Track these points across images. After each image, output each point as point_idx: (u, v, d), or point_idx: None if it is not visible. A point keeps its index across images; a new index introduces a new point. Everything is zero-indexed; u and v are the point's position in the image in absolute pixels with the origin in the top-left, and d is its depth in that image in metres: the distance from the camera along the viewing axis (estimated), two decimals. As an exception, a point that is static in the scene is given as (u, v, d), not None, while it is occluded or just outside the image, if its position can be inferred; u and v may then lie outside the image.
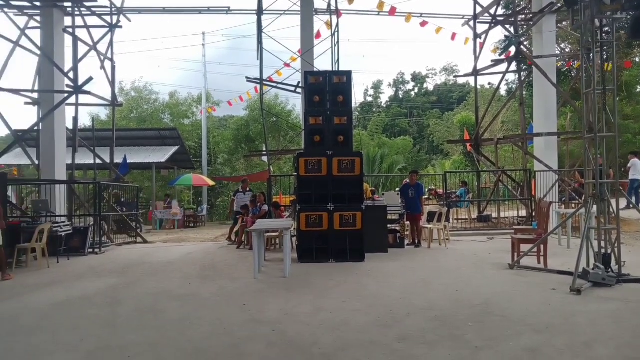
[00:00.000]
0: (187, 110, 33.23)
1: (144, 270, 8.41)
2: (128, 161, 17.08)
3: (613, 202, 6.84)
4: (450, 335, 4.40)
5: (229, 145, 28.90)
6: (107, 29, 13.04)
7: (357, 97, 51.10)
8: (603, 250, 6.63)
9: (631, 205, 7.29)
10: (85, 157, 14.42)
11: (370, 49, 68.27)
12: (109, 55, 13.21)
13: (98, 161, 13.09)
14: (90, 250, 10.91)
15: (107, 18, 13.07)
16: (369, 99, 53.48)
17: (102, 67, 12.94)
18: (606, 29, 7.42)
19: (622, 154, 16.60)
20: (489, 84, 38.25)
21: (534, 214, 12.13)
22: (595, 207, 6.85)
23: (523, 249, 7.86)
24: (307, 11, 13.01)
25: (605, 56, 7.20)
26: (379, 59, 67.17)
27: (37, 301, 6.17)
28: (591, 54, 6.79)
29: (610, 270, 6.40)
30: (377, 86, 53.66)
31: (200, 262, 9.26)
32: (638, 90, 22.44)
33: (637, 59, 20.78)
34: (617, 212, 6.77)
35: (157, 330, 4.73)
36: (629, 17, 7.06)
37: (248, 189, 12.82)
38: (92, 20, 13.14)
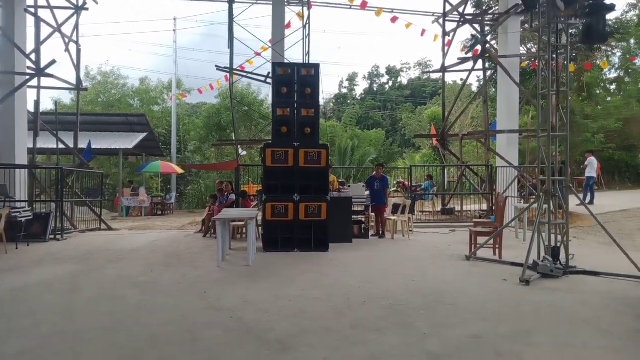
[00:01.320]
0: (158, 97, 32.65)
1: (106, 257, 8.34)
2: (94, 147, 16.72)
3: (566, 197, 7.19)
4: (402, 322, 4.59)
5: (200, 133, 28.56)
6: (72, 11, 12.66)
7: (332, 88, 51.19)
8: (553, 244, 6.98)
9: (580, 202, 7.69)
10: (48, 142, 14.07)
11: (346, 41, 68.39)
12: (74, 38, 12.84)
13: (61, 146, 12.78)
14: (52, 236, 10.70)
15: (73, 0, 12.69)
16: (344, 90, 53.65)
17: (67, 50, 12.58)
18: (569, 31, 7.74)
19: (581, 152, 17.34)
20: (461, 79, 38.94)
21: (493, 207, 12.56)
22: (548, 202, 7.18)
23: (480, 241, 8.18)
24: (279, 1, 12.95)
25: (563, 58, 7.50)
26: (354, 51, 67.38)
27: (-8, 287, 6.06)
28: (547, 56, 7.09)
29: (559, 262, 6.75)
30: (352, 78, 53.85)
31: (164, 250, 9.23)
32: (598, 91, 23.34)
33: (598, 62, 21.59)
34: (567, 208, 7.12)
35: (114, 317, 4.75)
36: (581, 23, 7.38)
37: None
38: (57, 1, 12.75)
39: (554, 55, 7.17)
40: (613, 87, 25.22)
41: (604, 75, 23.83)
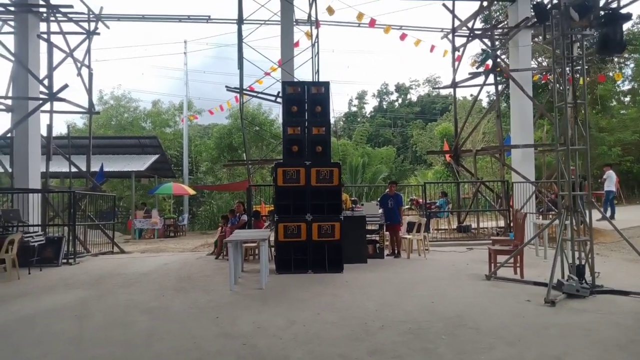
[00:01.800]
0: (169, 119, 32.99)
1: (117, 281, 8.22)
2: (106, 170, 16.82)
3: (588, 213, 6.93)
4: (422, 348, 4.36)
5: (212, 154, 28.68)
6: (84, 36, 12.85)
7: (342, 107, 51.32)
8: (577, 262, 6.70)
9: (604, 217, 7.42)
10: (62, 166, 14.14)
11: (354, 59, 68.80)
12: (86, 62, 13.01)
13: (74, 169, 12.83)
14: (64, 260, 10.65)
15: (85, 24, 12.90)
16: (354, 109, 53.78)
17: (79, 74, 12.74)
18: (578, 44, 7.59)
19: (598, 166, 16.98)
20: (471, 95, 38.82)
21: (511, 224, 12.25)
22: (569, 218, 6.93)
23: (499, 260, 7.92)
24: (287, 21, 13.01)
25: (577, 72, 7.34)
26: (363, 69, 67.75)
27: (1, 315, 5.95)
28: (561, 69, 6.93)
29: (584, 281, 6.46)
30: (361, 96, 54.01)
31: (176, 273, 9.10)
32: (613, 104, 23.01)
33: (611, 74, 21.32)
34: (590, 224, 6.85)
35: (123, 345, 4.59)
36: (597, 34, 7.23)
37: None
38: (69, 27, 12.98)
39: (569, 68, 7.01)
40: (627, 99, 24.86)
41: (617, 87, 23.53)
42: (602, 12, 6.40)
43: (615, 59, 21.20)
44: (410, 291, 6.89)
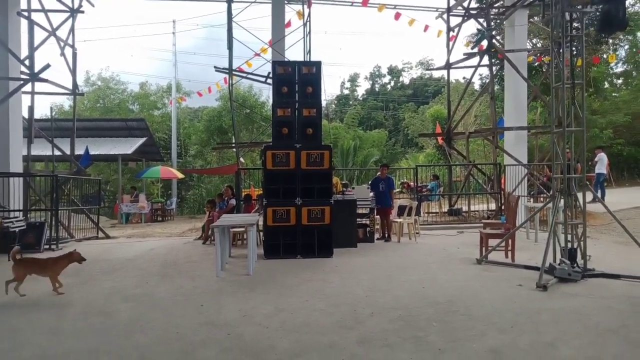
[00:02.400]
0: (157, 101, 32.40)
1: (100, 267, 8.00)
2: (92, 153, 16.43)
3: (580, 196, 6.82)
4: (413, 336, 4.23)
5: (201, 137, 28.26)
6: (68, 14, 12.37)
7: (334, 89, 50.86)
8: (569, 245, 6.60)
9: (597, 199, 7.31)
10: (46, 149, 13.76)
11: (346, 41, 68.05)
12: (70, 41, 12.55)
13: (58, 153, 12.48)
14: (47, 246, 10.38)
15: (69, 2, 12.40)
16: (346, 91, 53.31)
17: (63, 54, 12.28)
18: (576, 24, 7.37)
19: (589, 149, 16.90)
20: (464, 78, 38.53)
21: (503, 207, 12.17)
22: (562, 201, 6.81)
23: (491, 244, 7.81)
24: (278, 0, 12.62)
25: (574, 51, 7.13)
26: (355, 51, 67.02)
27: (-23, 303, 5.74)
28: (561, 49, 6.72)
29: (576, 265, 6.37)
30: (353, 79, 53.55)
31: (162, 258, 8.90)
32: (605, 86, 22.90)
33: (605, 56, 21.15)
34: (584, 207, 6.74)
35: (102, 335, 4.41)
36: (598, 12, 7.00)
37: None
38: (52, 4, 12.48)
39: (567, 47, 6.80)
40: (619, 81, 24.76)
41: (610, 69, 23.39)
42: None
43: (610, 41, 21.01)
44: (400, 276, 6.76)
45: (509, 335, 4.23)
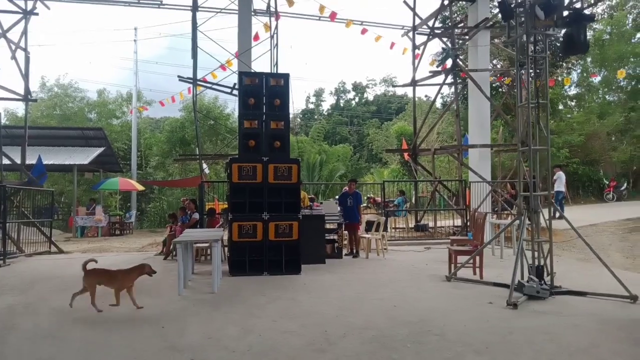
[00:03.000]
0: (116, 110, 31.34)
1: (51, 285, 7.46)
2: (46, 162, 15.53)
3: (546, 213, 6.92)
4: (389, 358, 4.06)
5: (163, 148, 27.43)
6: (20, 15, 11.74)
7: (299, 104, 50.95)
8: (536, 262, 6.66)
9: (561, 217, 7.47)
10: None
11: (312, 56, 68.55)
12: (22, 44, 11.89)
13: (7, 162, 11.70)
14: (-8, 262, 9.65)
15: (22, 3, 11.79)
16: (311, 106, 53.52)
17: (14, 57, 11.62)
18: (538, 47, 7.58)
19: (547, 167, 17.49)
20: (426, 96, 39.53)
21: (468, 223, 12.32)
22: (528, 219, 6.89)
23: (459, 260, 7.81)
24: (245, 11, 12.47)
25: (538, 72, 7.30)
26: (320, 66, 67.60)
27: None
28: (524, 69, 6.87)
29: (543, 282, 6.42)
30: (318, 94, 53.87)
31: (119, 275, 8.39)
32: (560, 107, 23.91)
33: (560, 78, 22.11)
34: (550, 224, 6.84)
35: (51, 364, 4.01)
36: (559, 35, 7.23)
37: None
38: (3, 5, 11.84)
39: (528, 68, 6.95)
40: (573, 103, 25.95)
41: (564, 91, 24.48)
42: (566, 12, 6.35)
43: (564, 64, 22.01)
44: (371, 294, 6.61)
45: (485, 356, 4.15)
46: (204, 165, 15.16)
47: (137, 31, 26.87)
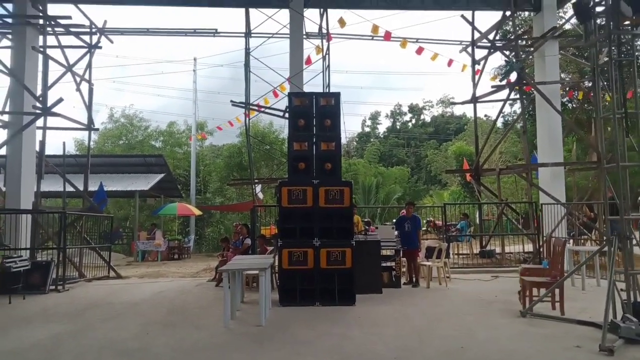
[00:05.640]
0: (182, 139, 32.60)
1: (102, 313, 7.34)
2: (109, 189, 16.15)
3: None
4: (457, 418, 3.37)
5: (221, 174, 27.98)
6: (85, 50, 12.33)
7: (355, 127, 50.71)
8: (632, 298, 5.65)
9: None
10: (61, 185, 13.47)
11: (367, 81, 68.53)
12: (86, 77, 12.45)
13: (70, 189, 12.12)
14: (53, 287, 9.81)
15: (86, 37, 12.38)
16: (367, 129, 53.15)
17: (78, 89, 12.15)
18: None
19: (630, 186, 15.78)
20: (485, 115, 37.87)
21: (541, 250, 11.15)
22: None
23: (535, 293, 6.88)
24: (297, 33, 12.35)
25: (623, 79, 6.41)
26: (376, 90, 67.37)
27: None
28: (608, 73, 6.01)
29: (641, 322, 5.39)
30: (374, 117, 53.47)
31: (170, 303, 8.21)
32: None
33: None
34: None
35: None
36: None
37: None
38: (70, 40, 12.49)
39: (611, 72, 6.08)
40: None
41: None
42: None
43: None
44: (433, 331, 5.88)
45: (579, 419, 3.34)
46: (258, 189, 15.04)
47: (197, 61, 27.67)
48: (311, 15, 17.30)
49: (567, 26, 15.57)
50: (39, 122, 11.28)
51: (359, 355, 4.89)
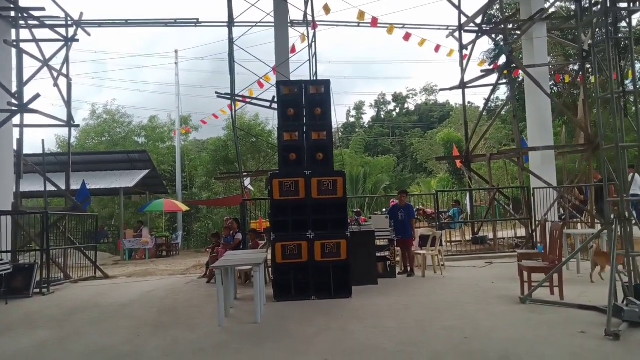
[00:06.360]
0: (164, 134, 31.96)
1: (89, 316, 7.05)
2: (93, 187, 15.70)
3: None
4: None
5: (207, 168, 27.53)
6: (62, 43, 11.83)
7: (340, 117, 50.39)
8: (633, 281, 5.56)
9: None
10: (41, 184, 13.01)
11: (350, 71, 67.99)
12: (64, 71, 11.96)
13: (52, 188, 11.68)
14: (37, 290, 9.45)
15: (62, 31, 11.88)
16: (352, 119, 52.94)
17: (56, 84, 11.67)
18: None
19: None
20: (469, 102, 37.90)
21: (533, 234, 11.13)
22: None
23: (534, 278, 6.79)
24: (281, 22, 12.03)
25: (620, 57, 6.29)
26: (359, 80, 66.96)
27: None
28: (606, 52, 5.87)
29: (644, 304, 5.31)
30: (358, 107, 53.25)
31: (160, 303, 7.95)
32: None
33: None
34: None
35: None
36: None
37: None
38: (46, 33, 11.96)
39: (609, 52, 5.94)
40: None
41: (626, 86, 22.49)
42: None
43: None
44: (434, 322, 5.73)
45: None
46: (247, 183, 14.75)
47: (178, 53, 27.00)
48: (296, 2, 16.91)
49: (552, 9, 15.47)
50: (16, 120, 10.82)
51: (361, 351, 4.72)
